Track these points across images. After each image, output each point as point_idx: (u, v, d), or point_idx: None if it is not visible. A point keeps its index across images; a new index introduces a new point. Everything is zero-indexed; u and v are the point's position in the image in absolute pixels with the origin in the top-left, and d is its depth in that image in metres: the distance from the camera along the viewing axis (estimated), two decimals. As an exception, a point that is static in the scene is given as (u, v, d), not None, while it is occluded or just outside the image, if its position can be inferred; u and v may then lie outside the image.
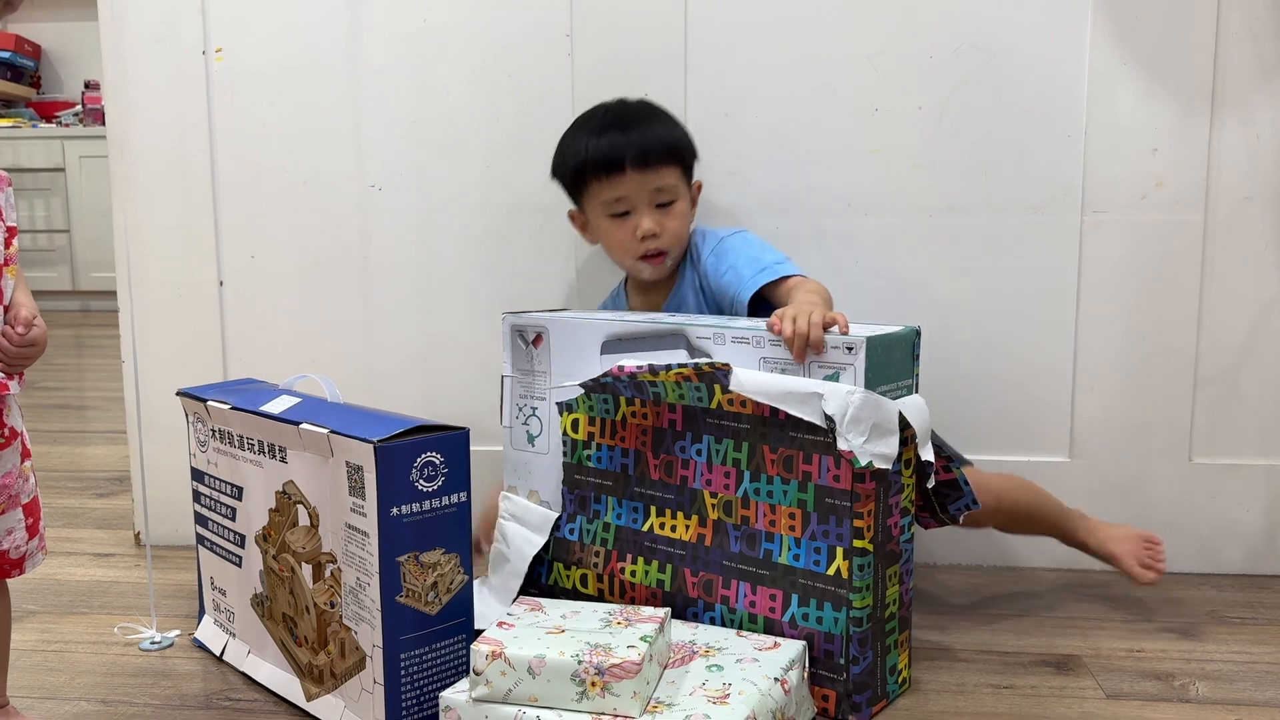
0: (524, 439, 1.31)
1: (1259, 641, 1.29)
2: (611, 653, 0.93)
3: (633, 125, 1.35)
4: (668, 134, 1.37)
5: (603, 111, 1.39)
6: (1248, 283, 1.46)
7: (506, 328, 1.31)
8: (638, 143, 1.34)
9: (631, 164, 1.33)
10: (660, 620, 1.01)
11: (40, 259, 4.41)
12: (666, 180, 1.35)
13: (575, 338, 1.24)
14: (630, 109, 1.40)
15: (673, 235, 1.36)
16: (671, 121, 1.40)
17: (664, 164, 1.35)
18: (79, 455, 2.20)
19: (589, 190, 1.37)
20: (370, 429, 1.01)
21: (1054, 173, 1.46)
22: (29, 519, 0.98)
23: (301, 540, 1.10)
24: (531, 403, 1.30)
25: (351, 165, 1.56)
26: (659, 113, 1.40)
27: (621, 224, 1.36)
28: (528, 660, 0.94)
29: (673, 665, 1.03)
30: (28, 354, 0.94)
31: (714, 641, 1.08)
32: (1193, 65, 1.43)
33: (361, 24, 1.53)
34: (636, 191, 1.34)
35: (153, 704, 1.14)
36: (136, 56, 1.55)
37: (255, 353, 1.60)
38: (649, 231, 1.34)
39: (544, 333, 1.27)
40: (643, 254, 1.36)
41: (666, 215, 1.36)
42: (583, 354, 1.24)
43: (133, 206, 1.58)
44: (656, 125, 1.37)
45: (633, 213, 1.35)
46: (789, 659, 1.03)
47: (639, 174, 1.33)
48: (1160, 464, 1.50)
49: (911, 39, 1.46)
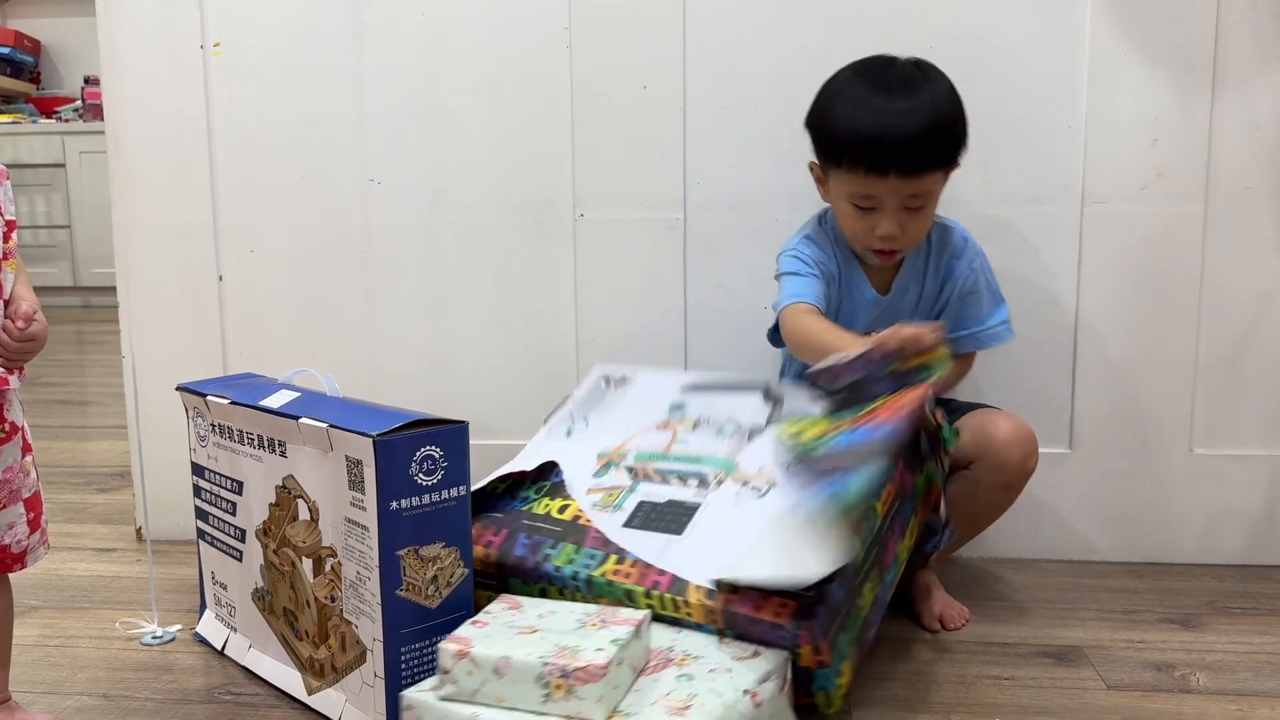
0: (562, 434, 1.34)
1: (1260, 632, 1.29)
2: (579, 655, 0.90)
3: (915, 120, 1.20)
4: (946, 136, 1.23)
5: (890, 85, 1.23)
6: (1248, 273, 1.46)
7: (596, 376, 1.41)
8: (912, 147, 1.20)
9: (897, 171, 1.21)
10: (637, 623, 0.97)
11: (41, 255, 4.40)
12: (926, 186, 1.23)
13: (655, 387, 1.36)
14: (919, 96, 1.22)
15: (913, 238, 1.28)
16: (955, 113, 1.25)
17: (930, 171, 1.23)
18: (81, 451, 2.21)
19: (840, 169, 1.25)
20: (369, 423, 1.01)
21: (1054, 164, 1.46)
22: (30, 513, 0.98)
23: (302, 534, 1.10)
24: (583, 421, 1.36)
25: (351, 160, 1.56)
26: (945, 103, 1.24)
27: (862, 216, 1.26)
28: (494, 660, 0.91)
29: (647, 672, 0.98)
30: (28, 349, 0.94)
31: (693, 649, 1.02)
32: (1193, 55, 1.42)
33: (360, 18, 1.53)
34: (889, 195, 1.23)
35: (154, 698, 1.14)
36: (135, 51, 1.55)
37: (255, 347, 1.60)
38: (889, 234, 1.25)
39: (629, 379, 1.39)
40: (875, 249, 1.28)
41: (912, 218, 1.25)
42: (656, 404, 1.33)
43: (132, 201, 1.58)
44: (939, 125, 1.22)
45: (878, 209, 1.25)
46: (765, 670, 0.98)
47: (900, 180, 1.21)
48: (1161, 455, 1.50)
49: (911, 31, 1.45)
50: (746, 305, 1.52)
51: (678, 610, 1.06)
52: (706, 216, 1.52)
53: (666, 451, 1.26)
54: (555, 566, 1.13)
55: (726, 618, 1.04)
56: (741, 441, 1.24)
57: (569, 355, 1.57)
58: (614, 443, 1.29)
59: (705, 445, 1.25)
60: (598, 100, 1.51)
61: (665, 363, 1.55)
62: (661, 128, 1.51)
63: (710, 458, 1.23)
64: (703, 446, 1.25)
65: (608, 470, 1.25)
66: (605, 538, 1.15)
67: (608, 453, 1.28)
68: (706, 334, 1.54)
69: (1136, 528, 1.51)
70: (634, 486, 1.21)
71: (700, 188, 1.52)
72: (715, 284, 1.53)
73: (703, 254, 1.53)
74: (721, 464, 1.22)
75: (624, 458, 1.26)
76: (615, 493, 1.21)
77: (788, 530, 1.06)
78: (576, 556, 1.13)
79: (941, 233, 1.35)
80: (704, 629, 1.06)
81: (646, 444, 1.28)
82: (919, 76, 1.25)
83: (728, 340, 1.54)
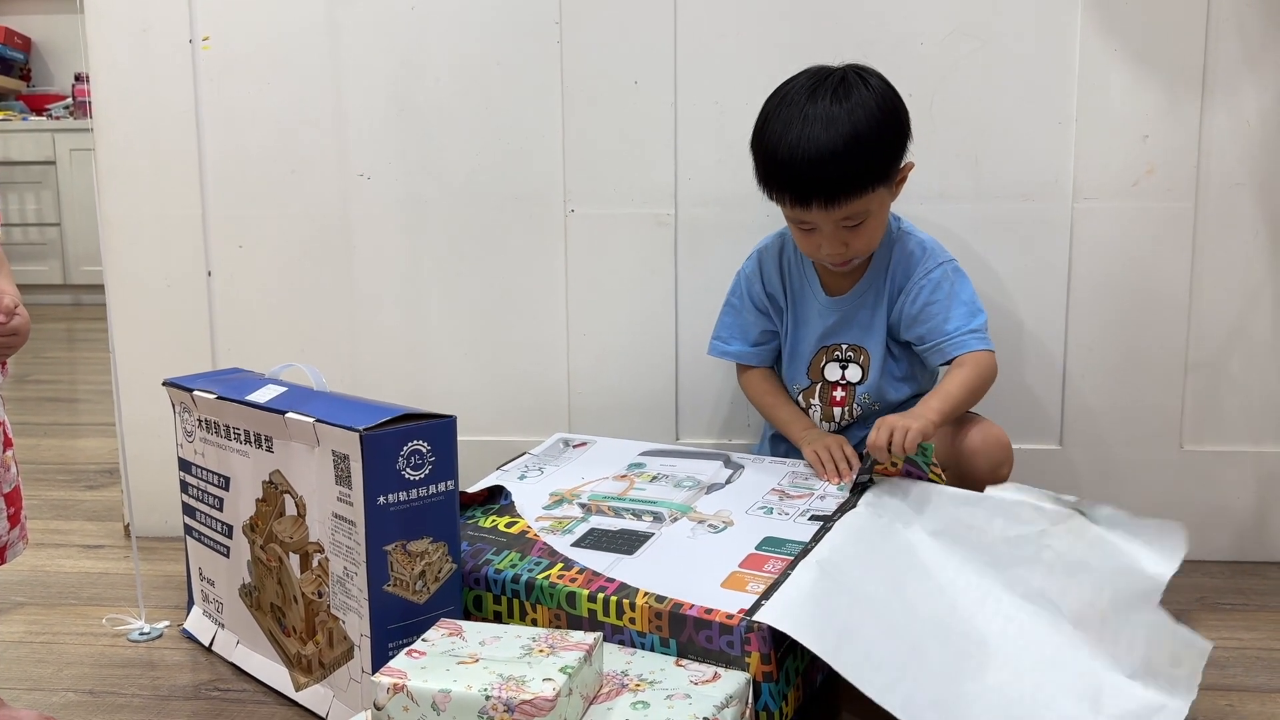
0: (515, 478, 1.34)
1: (1249, 628, 1.29)
2: (525, 686, 0.83)
3: (830, 148, 1.19)
4: (867, 158, 1.20)
5: (808, 113, 1.21)
6: (1238, 269, 1.46)
7: (555, 439, 1.46)
8: (829, 178, 1.20)
9: (818, 201, 1.21)
10: (588, 648, 0.90)
11: (31, 252, 4.38)
12: (855, 209, 1.23)
13: (616, 449, 1.40)
14: (837, 122, 1.20)
15: (861, 249, 1.28)
16: (879, 130, 1.21)
17: (853, 196, 1.21)
18: (69, 448, 2.19)
19: (772, 195, 1.27)
20: (356, 417, 1.00)
21: (1045, 160, 1.46)
22: (10, 508, 0.98)
23: (289, 530, 1.10)
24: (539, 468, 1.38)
25: (340, 154, 1.55)
26: (865, 124, 1.20)
27: (805, 235, 1.28)
28: (431, 695, 0.84)
29: (600, 699, 0.91)
30: (10, 343, 0.93)
31: (648, 673, 0.96)
32: (1183, 52, 1.42)
33: (350, 11, 1.52)
34: (821, 220, 1.24)
35: (141, 695, 1.14)
36: (123, 45, 1.54)
37: (244, 343, 1.59)
38: (832, 254, 1.27)
39: (590, 443, 1.43)
40: (826, 262, 1.31)
41: (855, 234, 1.25)
42: (615, 462, 1.36)
43: (120, 197, 1.57)
44: (858, 149, 1.19)
45: (817, 231, 1.26)
46: (725, 695, 0.92)
47: (824, 209, 1.22)
48: (1150, 451, 1.50)
49: (902, 26, 1.45)
50: (737, 301, 1.52)
51: (621, 616, 1.03)
52: (697, 212, 1.52)
53: (622, 495, 1.26)
54: (496, 570, 1.11)
55: (674, 621, 1.00)
56: (700, 493, 1.25)
57: (559, 351, 1.57)
58: (569, 485, 1.30)
59: (662, 494, 1.25)
60: (588, 95, 1.51)
61: (656, 357, 1.55)
62: (652, 123, 1.51)
63: (666, 502, 1.23)
64: (660, 494, 1.25)
65: (560, 505, 1.25)
66: (552, 549, 1.14)
67: (561, 492, 1.28)
68: (697, 329, 1.54)
69: (1126, 524, 1.51)
70: (585, 518, 1.21)
71: (691, 183, 1.51)
72: (706, 279, 1.53)
73: (693, 249, 1.53)
74: (678, 507, 1.22)
75: (578, 496, 1.27)
76: (566, 520, 1.21)
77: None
78: (520, 562, 1.12)
79: (903, 241, 1.34)
80: (648, 638, 1.02)
81: (602, 488, 1.28)
82: (841, 95, 1.21)
83: (718, 336, 1.54)
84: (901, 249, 1.34)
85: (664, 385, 1.56)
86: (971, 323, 1.30)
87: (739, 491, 1.25)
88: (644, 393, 1.56)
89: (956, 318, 1.30)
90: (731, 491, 1.25)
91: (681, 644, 1.00)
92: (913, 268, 1.32)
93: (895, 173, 1.26)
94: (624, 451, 1.39)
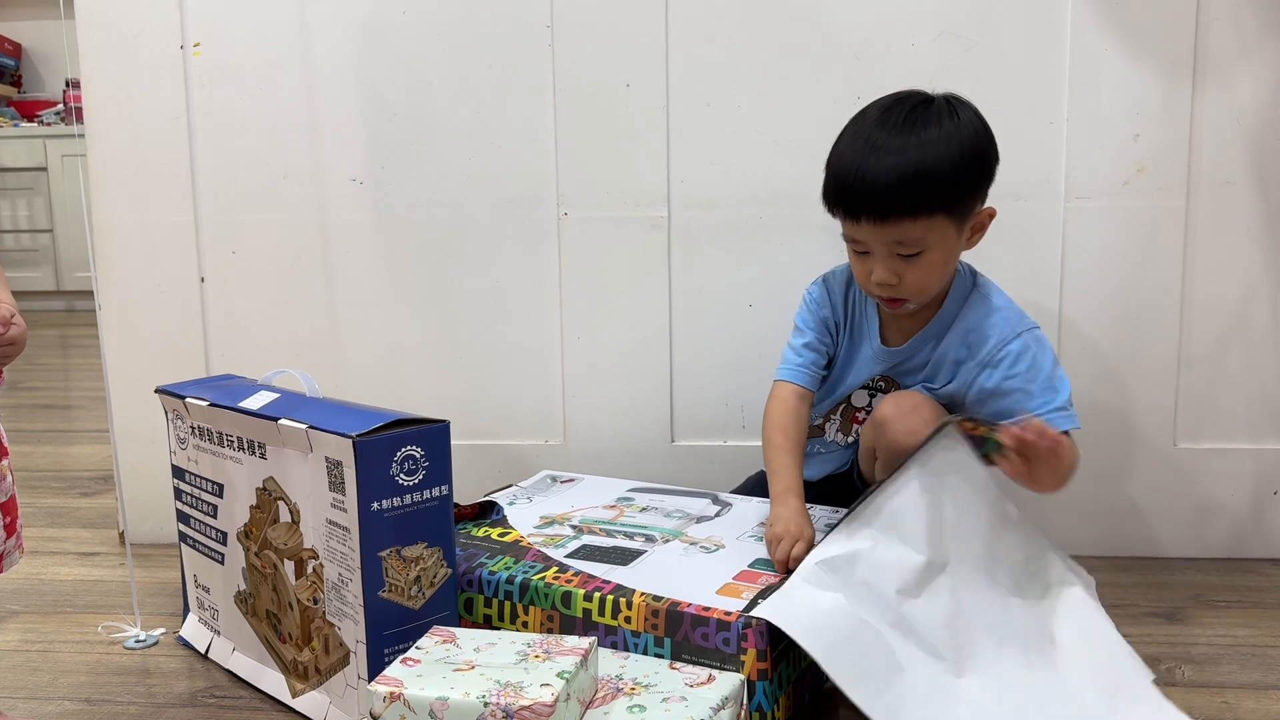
0: (504, 505, 1.34)
1: (1244, 625, 1.29)
2: (522, 692, 0.84)
3: (892, 165, 1.13)
4: (928, 184, 1.13)
5: (888, 124, 1.16)
6: (1231, 267, 1.46)
7: (542, 475, 1.46)
8: (880, 194, 1.13)
9: (867, 217, 1.15)
10: (583, 653, 0.90)
11: (24, 259, 4.38)
12: (908, 234, 1.14)
13: (603, 485, 1.41)
14: (908, 139, 1.14)
15: (914, 287, 1.18)
16: (954, 160, 1.14)
17: (905, 217, 1.14)
18: (64, 455, 2.19)
19: (831, 209, 1.21)
20: (349, 423, 1.00)
21: (1036, 160, 1.46)
22: (6, 518, 0.97)
23: (283, 536, 1.09)
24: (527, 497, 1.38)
25: (332, 159, 1.55)
26: (938, 150, 1.13)
27: (859, 260, 1.21)
28: (429, 703, 0.84)
29: (596, 704, 0.91)
30: (7, 353, 0.93)
31: (643, 676, 0.96)
32: (1174, 50, 1.43)
33: (342, 16, 1.52)
34: (872, 239, 1.17)
35: (137, 702, 1.13)
36: (114, 51, 1.54)
37: (237, 349, 1.59)
38: (882, 280, 1.18)
39: (578, 479, 1.44)
40: (877, 295, 1.22)
41: (910, 266, 1.16)
42: (603, 495, 1.37)
43: (111, 203, 1.57)
44: (921, 172, 1.12)
45: (871, 254, 1.19)
46: (721, 696, 0.91)
47: (873, 226, 1.15)
48: (1145, 449, 1.50)
49: (893, 27, 1.45)
50: (730, 303, 1.52)
51: (616, 615, 1.04)
52: (690, 214, 1.52)
53: (613, 521, 1.27)
54: (490, 572, 1.12)
55: (671, 618, 1.01)
56: (690, 523, 1.26)
57: (554, 354, 1.57)
58: (559, 510, 1.31)
59: (653, 521, 1.27)
60: (580, 98, 1.51)
61: (650, 359, 1.55)
62: (644, 126, 1.51)
63: (657, 527, 1.24)
64: (650, 521, 1.27)
65: (551, 525, 1.26)
66: (547, 555, 1.16)
67: (552, 515, 1.30)
68: (691, 331, 1.54)
69: (1121, 522, 1.51)
70: (578, 536, 1.22)
71: (684, 185, 1.51)
72: (699, 281, 1.53)
73: (686, 252, 1.53)
74: (669, 531, 1.23)
75: (569, 519, 1.28)
76: (558, 537, 1.22)
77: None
78: (515, 565, 1.13)
79: (977, 300, 1.24)
80: (643, 638, 1.03)
81: (593, 514, 1.30)
82: (924, 117, 1.16)
83: (711, 337, 1.54)
84: (975, 309, 1.24)
85: (658, 387, 1.56)
86: (1055, 400, 1.18)
87: (728, 523, 1.26)
88: (639, 395, 1.56)
89: (1039, 394, 1.19)
90: (720, 523, 1.26)
91: (676, 642, 1.01)
92: (988, 333, 1.22)
93: (963, 208, 1.17)
94: (612, 487, 1.41)
